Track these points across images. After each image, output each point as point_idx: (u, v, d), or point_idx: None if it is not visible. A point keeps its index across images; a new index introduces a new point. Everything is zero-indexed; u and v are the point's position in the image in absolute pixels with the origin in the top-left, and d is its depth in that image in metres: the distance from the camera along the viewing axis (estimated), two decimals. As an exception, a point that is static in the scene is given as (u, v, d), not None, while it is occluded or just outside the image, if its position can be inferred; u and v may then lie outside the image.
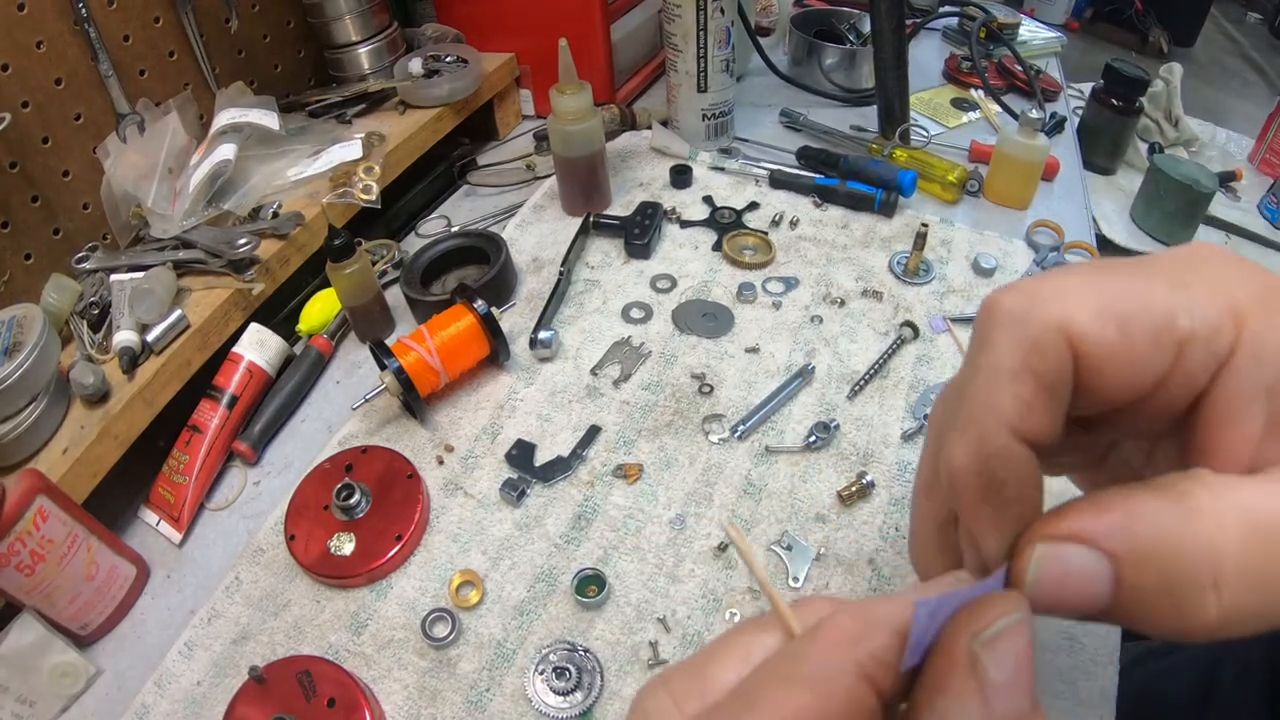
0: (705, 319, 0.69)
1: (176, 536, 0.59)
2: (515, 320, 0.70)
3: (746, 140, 0.94)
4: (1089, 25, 2.67)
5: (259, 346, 0.66)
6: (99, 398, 0.58)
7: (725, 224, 0.79)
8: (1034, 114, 0.78)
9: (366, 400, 0.61)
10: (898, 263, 0.73)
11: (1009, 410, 0.20)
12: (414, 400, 0.59)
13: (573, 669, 0.46)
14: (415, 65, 0.88)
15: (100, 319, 0.64)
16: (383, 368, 0.60)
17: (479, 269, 0.75)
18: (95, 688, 0.51)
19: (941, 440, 0.23)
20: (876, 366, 0.63)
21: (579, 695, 0.45)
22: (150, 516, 0.60)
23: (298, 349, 0.72)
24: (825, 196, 0.81)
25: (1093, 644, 0.45)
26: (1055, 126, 0.96)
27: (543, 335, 0.66)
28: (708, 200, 0.83)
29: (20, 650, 0.48)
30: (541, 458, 0.59)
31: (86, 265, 0.67)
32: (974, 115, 1.00)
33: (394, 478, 0.56)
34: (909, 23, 0.91)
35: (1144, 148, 1.46)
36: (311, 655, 0.47)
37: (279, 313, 0.73)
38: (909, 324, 0.66)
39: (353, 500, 0.54)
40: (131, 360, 0.60)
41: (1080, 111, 1.27)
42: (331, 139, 0.81)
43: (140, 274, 0.65)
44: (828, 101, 1.01)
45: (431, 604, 0.51)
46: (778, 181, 0.84)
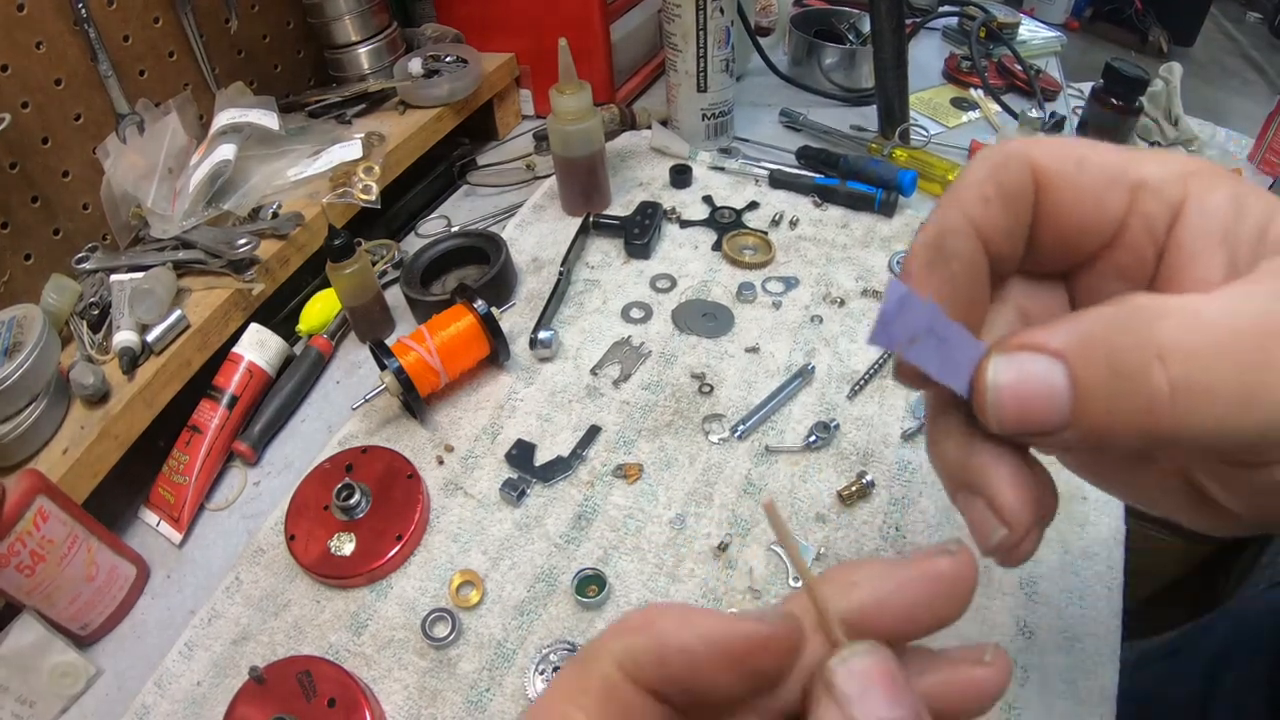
0: (705, 319, 0.69)
1: (176, 537, 0.59)
2: (515, 320, 0.70)
3: (746, 140, 0.94)
4: (1089, 25, 2.67)
5: (259, 346, 0.66)
6: (99, 398, 0.58)
7: (725, 224, 0.79)
8: (1034, 113, 0.78)
9: (366, 400, 0.61)
10: (898, 262, 0.73)
11: (969, 200, 0.23)
12: (414, 400, 0.59)
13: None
14: (415, 65, 0.88)
15: (100, 319, 0.64)
16: (383, 368, 0.60)
17: (479, 269, 0.75)
18: (95, 688, 0.51)
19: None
20: (876, 366, 0.63)
21: (579, 695, 0.45)
22: (150, 517, 0.60)
23: (298, 349, 0.72)
24: (825, 196, 0.81)
25: (1093, 644, 0.45)
26: (1055, 126, 0.96)
27: (543, 335, 0.66)
28: (707, 200, 0.83)
29: (20, 650, 0.48)
30: (541, 458, 0.59)
31: (86, 265, 0.67)
32: (974, 115, 1.00)
33: (394, 478, 0.56)
34: (909, 22, 0.91)
35: (1144, 147, 1.46)
36: (312, 655, 0.47)
37: (279, 313, 0.73)
38: (909, 324, 0.65)
39: (353, 500, 0.54)
40: (131, 360, 0.60)
41: (1080, 111, 1.27)
42: (331, 139, 0.81)
43: (140, 274, 0.65)
44: (828, 101, 1.01)
45: (431, 604, 0.51)
46: (777, 181, 0.84)
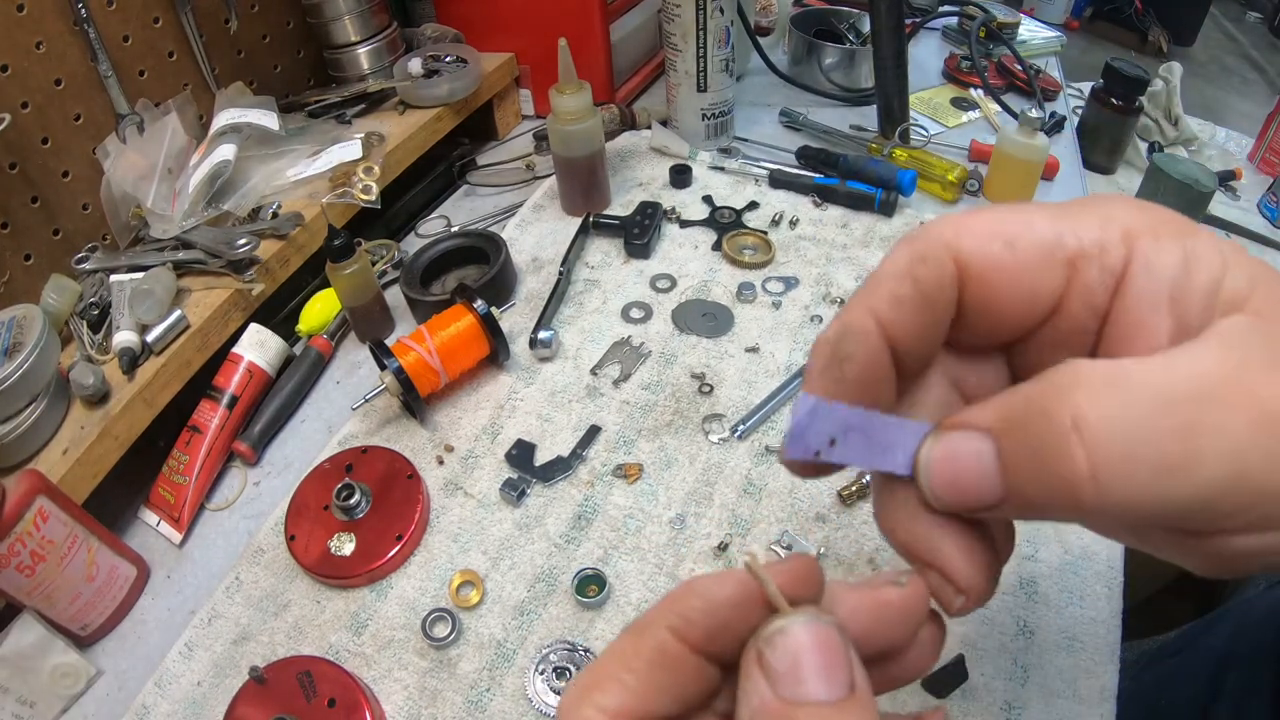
0: (705, 319, 0.69)
1: (177, 537, 0.59)
2: (515, 320, 0.70)
3: (746, 140, 0.94)
4: (1088, 24, 2.67)
5: (259, 347, 0.66)
6: (99, 398, 0.58)
7: (725, 224, 0.79)
8: (1033, 113, 0.78)
9: (366, 400, 0.61)
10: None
11: (880, 301, 0.22)
12: (414, 400, 0.59)
13: (573, 669, 0.46)
14: (415, 65, 0.88)
15: (100, 319, 0.64)
16: (383, 368, 0.60)
17: (479, 269, 0.75)
18: (95, 688, 0.51)
19: None
20: (876, 366, 0.63)
21: (579, 695, 0.45)
22: (150, 517, 0.60)
23: (298, 349, 0.72)
24: (825, 196, 0.81)
25: (1093, 644, 0.45)
26: (1055, 126, 0.96)
27: (542, 335, 0.66)
28: (707, 200, 0.83)
29: (20, 651, 0.48)
30: (541, 458, 0.59)
31: (86, 266, 0.67)
32: (973, 114, 1.00)
33: (394, 478, 0.56)
34: (908, 22, 0.91)
35: (1144, 147, 1.45)
36: (312, 655, 0.47)
37: (279, 313, 0.73)
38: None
39: (353, 500, 0.54)
40: (131, 361, 0.60)
41: (1080, 111, 1.27)
42: (331, 139, 0.81)
43: (140, 274, 0.65)
44: (827, 101, 1.01)
45: (432, 604, 0.51)
46: (777, 181, 0.84)
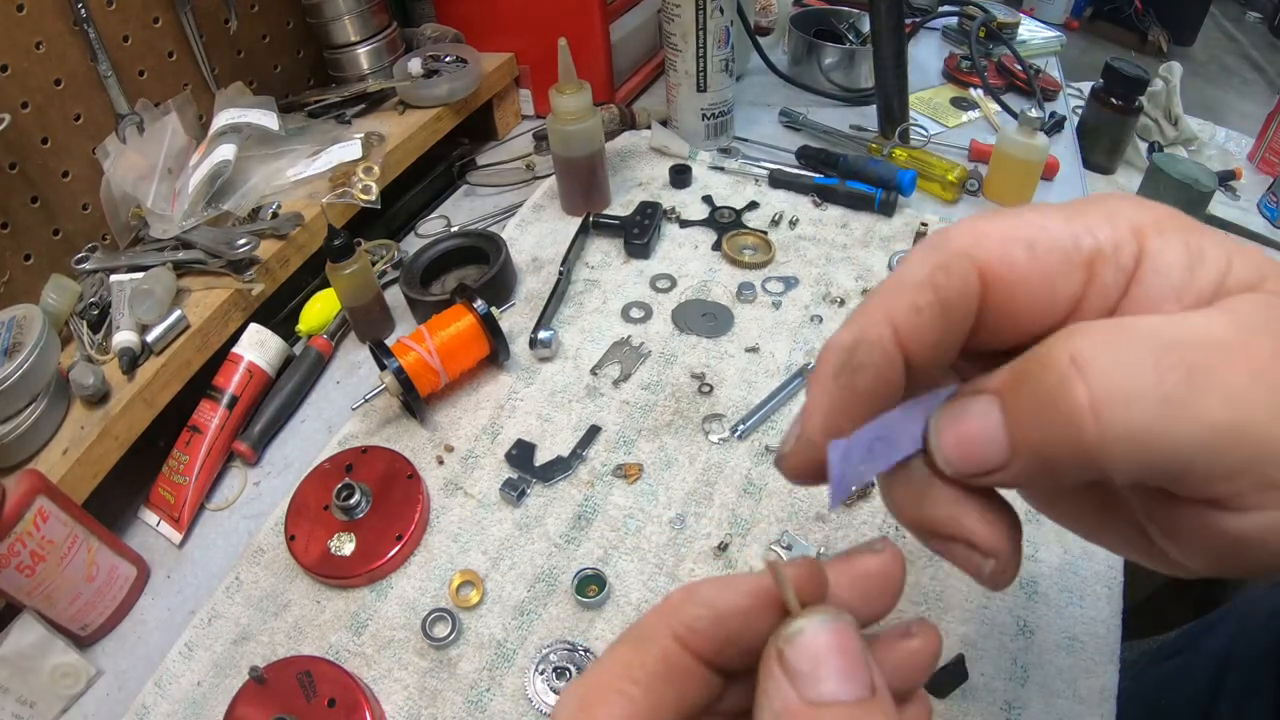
0: (705, 319, 0.69)
1: (177, 537, 0.59)
2: (515, 320, 0.70)
3: (746, 140, 0.94)
4: (1088, 24, 2.67)
5: (259, 347, 0.66)
6: (99, 398, 0.58)
7: (725, 223, 0.79)
8: (1033, 113, 0.78)
9: (366, 400, 0.61)
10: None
11: (899, 310, 0.21)
12: (414, 400, 0.59)
13: (573, 669, 0.46)
14: (415, 65, 0.88)
15: (100, 319, 0.64)
16: (382, 368, 0.60)
17: (479, 269, 0.75)
18: (95, 688, 0.51)
19: None
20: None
21: (579, 695, 0.45)
22: (150, 517, 0.60)
23: (297, 349, 0.72)
24: (825, 196, 0.81)
25: (1093, 643, 0.45)
26: (1055, 126, 0.96)
27: (542, 335, 0.66)
28: (707, 200, 0.83)
29: (20, 651, 0.48)
30: (541, 458, 0.59)
31: (86, 266, 0.67)
32: (973, 114, 1.00)
33: (394, 478, 0.56)
34: (908, 22, 0.91)
35: (1143, 147, 1.46)
36: (312, 655, 0.47)
37: (279, 313, 0.73)
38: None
39: (353, 500, 0.54)
40: (131, 361, 0.60)
41: (1080, 111, 1.27)
42: (331, 139, 0.81)
43: (140, 274, 0.65)
44: (827, 101, 1.01)
45: (432, 604, 0.51)
46: (777, 181, 0.84)
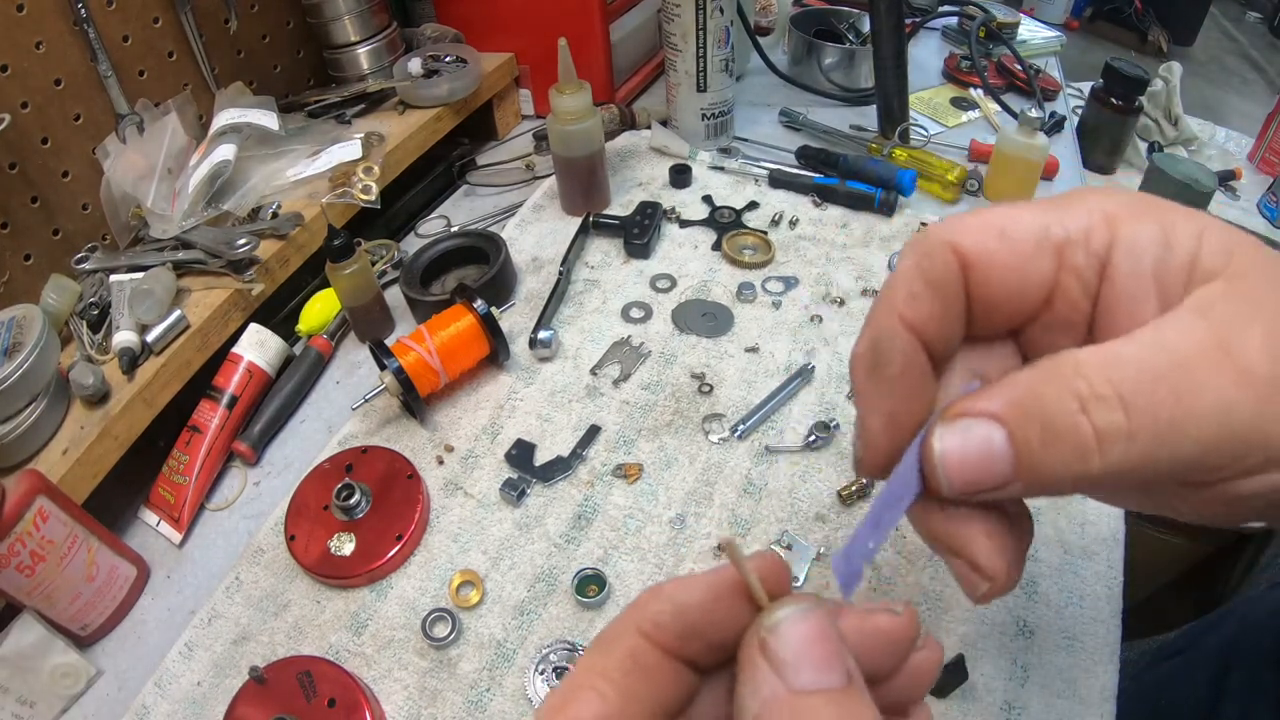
0: (705, 319, 0.69)
1: (176, 537, 0.59)
2: (515, 320, 0.70)
3: (746, 140, 0.94)
4: (1088, 24, 2.67)
5: (259, 347, 0.66)
6: (99, 398, 0.58)
7: (725, 223, 0.79)
8: (1033, 113, 0.78)
9: (366, 400, 0.61)
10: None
11: (898, 297, 0.24)
12: (414, 400, 0.59)
13: (573, 669, 0.46)
14: (414, 65, 0.88)
15: (100, 319, 0.64)
16: (382, 368, 0.60)
17: (479, 269, 0.75)
18: (95, 688, 0.51)
19: None
20: (876, 366, 0.63)
21: (579, 695, 0.45)
22: (150, 517, 0.60)
23: (297, 349, 0.72)
24: (825, 196, 0.81)
25: (1092, 643, 0.45)
26: (1055, 126, 0.96)
27: (542, 335, 0.66)
28: (707, 200, 0.83)
29: (21, 651, 0.48)
30: (541, 458, 0.59)
31: (86, 266, 0.67)
32: (973, 114, 1.00)
33: (394, 478, 0.56)
34: (908, 22, 0.91)
35: (1143, 147, 1.46)
36: (312, 655, 0.47)
37: (279, 313, 0.73)
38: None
39: (353, 500, 0.54)
40: (131, 361, 0.60)
41: (1080, 110, 1.27)
42: (331, 139, 0.81)
43: (140, 274, 0.65)
44: (827, 101, 1.01)
45: (431, 604, 0.51)
46: (777, 181, 0.84)
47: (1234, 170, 1.51)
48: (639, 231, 0.76)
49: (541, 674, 0.46)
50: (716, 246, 0.77)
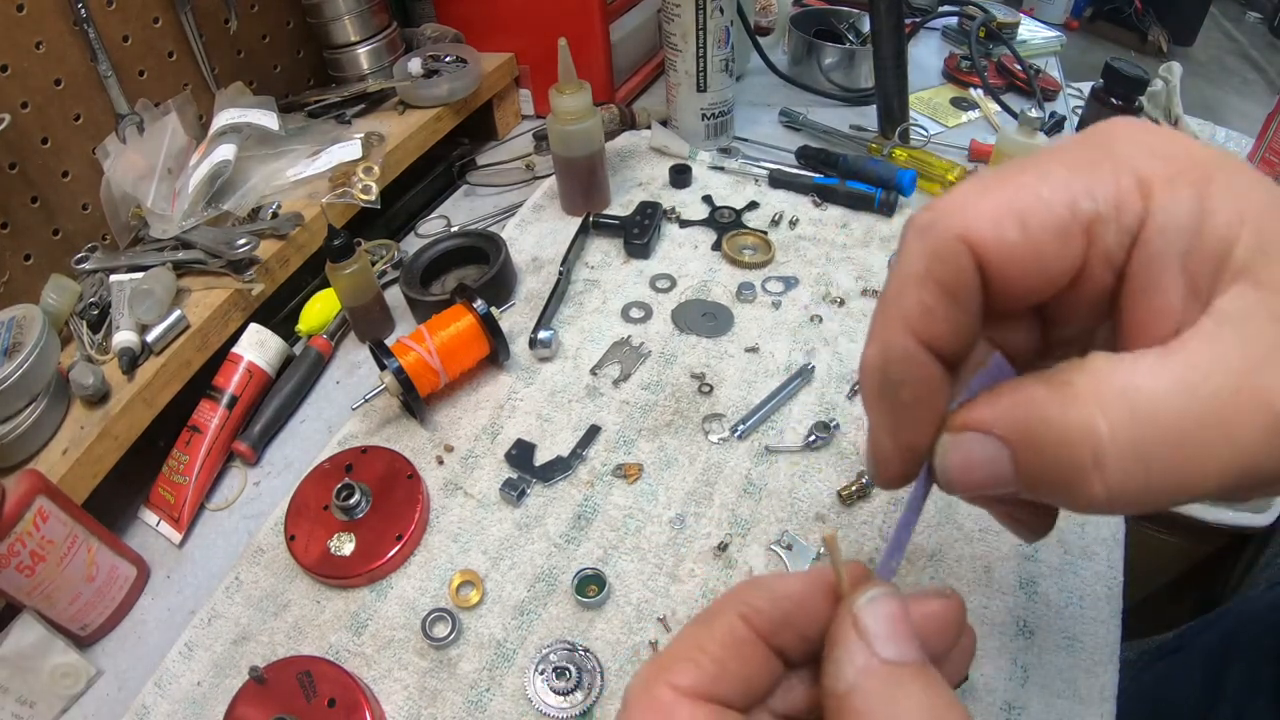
0: (705, 319, 0.69)
1: (176, 537, 0.59)
2: (515, 320, 0.70)
3: (746, 140, 0.94)
4: (1088, 24, 2.67)
5: (259, 347, 0.66)
6: (99, 398, 0.58)
7: (725, 223, 0.79)
8: (1033, 113, 0.78)
9: (366, 400, 0.61)
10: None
11: (912, 313, 0.22)
12: (414, 400, 0.59)
13: (573, 669, 0.46)
14: (414, 65, 0.88)
15: (100, 319, 0.64)
16: (382, 368, 0.60)
17: (479, 269, 0.75)
18: (95, 688, 0.51)
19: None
20: (876, 366, 0.62)
21: (579, 695, 0.45)
22: (150, 517, 0.60)
23: (297, 349, 0.72)
24: (825, 196, 0.81)
25: (1092, 643, 0.45)
26: (1055, 126, 0.96)
27: (542, 335, 0.66)
28: (707, 200, 0.83)
29: (20, 651, 0.48)
30: (541, 458, 0.59)
31: (86, 266, 0.67)
32: (973, 114, 1.00)
33: (394, 478, 0.56)
34: (908, 22, 0.91)
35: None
36: (312, 655, 0.47)
37: (279, 313, 0.73)
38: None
39: (353, 500, 0.54)
40: (131, 361, 0.60)
41: (1080, 111, 1.27)
42: (331, 139, 0.81)
43: (140, 274, 0.65)
44: (827, 101, 1.01)
45: (431, 604, 0.51)
46: (777, 181, 0.84)
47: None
48: (639, 231, 0.76)
49: (541, 674, 0.46)
50: (716, 246, 0.77)
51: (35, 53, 0.64)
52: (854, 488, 0.54)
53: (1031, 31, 1.19)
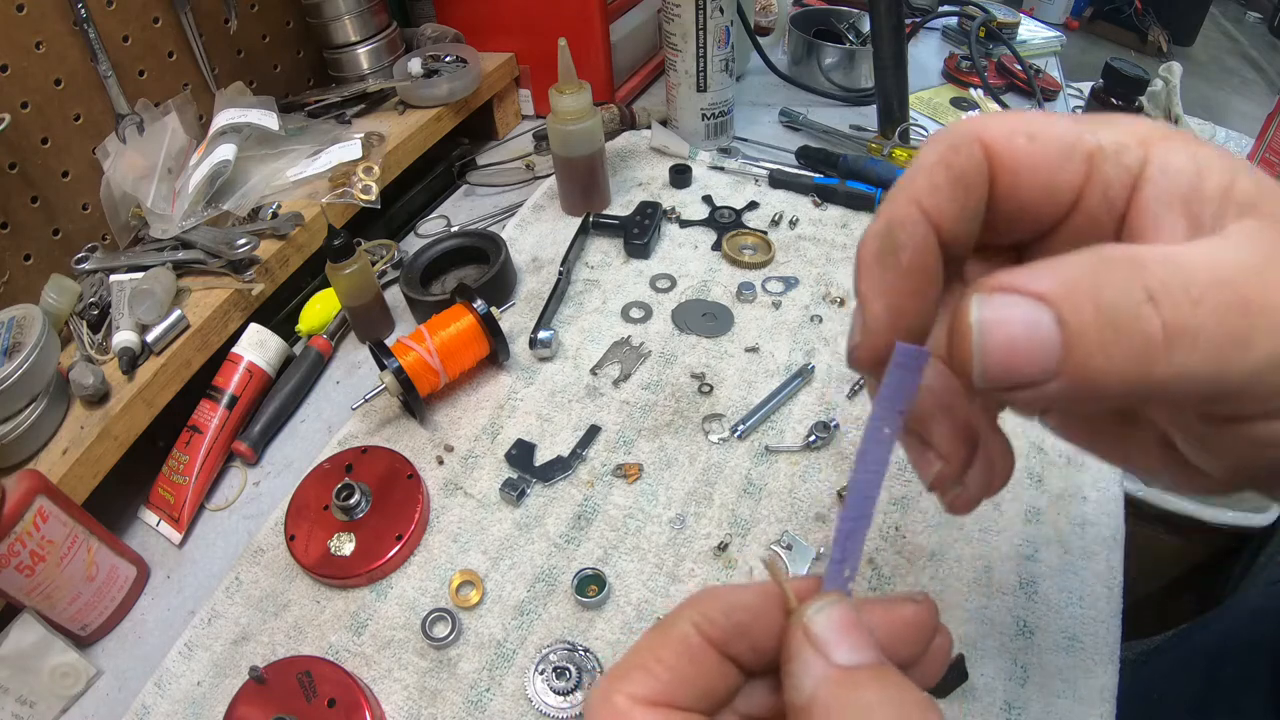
0: (705, 318, 0.69)
1: (176, 537, 0.59)
2: (515, 320, 0.70)
3: (746, 140, 0.94)
4: (1088, 24, 2.67)
5: (259, 347, 0.66)
6: (99, 398, 0.58)
7: (725, 223, 0.79)
8: (1033, 113, 0.78)
9: (366, 400, 0.61)
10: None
11: (919, 187, 0.23)
12: (414, 400, 0.59)
13: (573, 669, 0.46)
14: (414, 65, 0.88)
15: (100, 319, 0.64)
16: (382, 368, 0.60)
17: (479, 269, 0.75)
18: (95, 688, 0.51)
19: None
20: (876, 366, 0.63)
21: (579, 695, 0.45)
22: (150, 517, 0.60)
23: (297, 349, 0.72)
24: (825, 196, 0.81)
25: (1092, 643, 0.45)
26: (1055, 126, 0.96)
27: (542, 335, 0.66)
28: (707, 200, 0.83)
29: (20, 651, 0.48)
30: (541, 457, 0.59)
31: (86, 266, 0.67)
32: (973, 115, 1.00)
33: (394, 478, 0.56)
34: (908, 22, 0.91)
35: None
36: (312, 655, 0.47)
37: (279, 313, 0.73)
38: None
39: (353, 500, 0.54)
40: (131, 361, 0.60)
41: (1080, 110, 1.27)
42: (331, 139, 0.81)
43: (140, 274, 0.65)
44: (827, 101, 1.01)
45: (431, 604, 0.51)
46: (777, 181, 0.84)
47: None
48: (639, 231, 0.76)
49: (541, 674, 0.46)
50: (716, 246, 0.77)
51: (35, 53, 0.64)
52: (854, 488, 0.54)
53: (1031, 31, 1.19)
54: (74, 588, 0.50)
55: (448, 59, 0.90)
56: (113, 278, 0.65)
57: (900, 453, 0.26)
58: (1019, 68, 1.04)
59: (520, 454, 0.59)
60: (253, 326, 0.67)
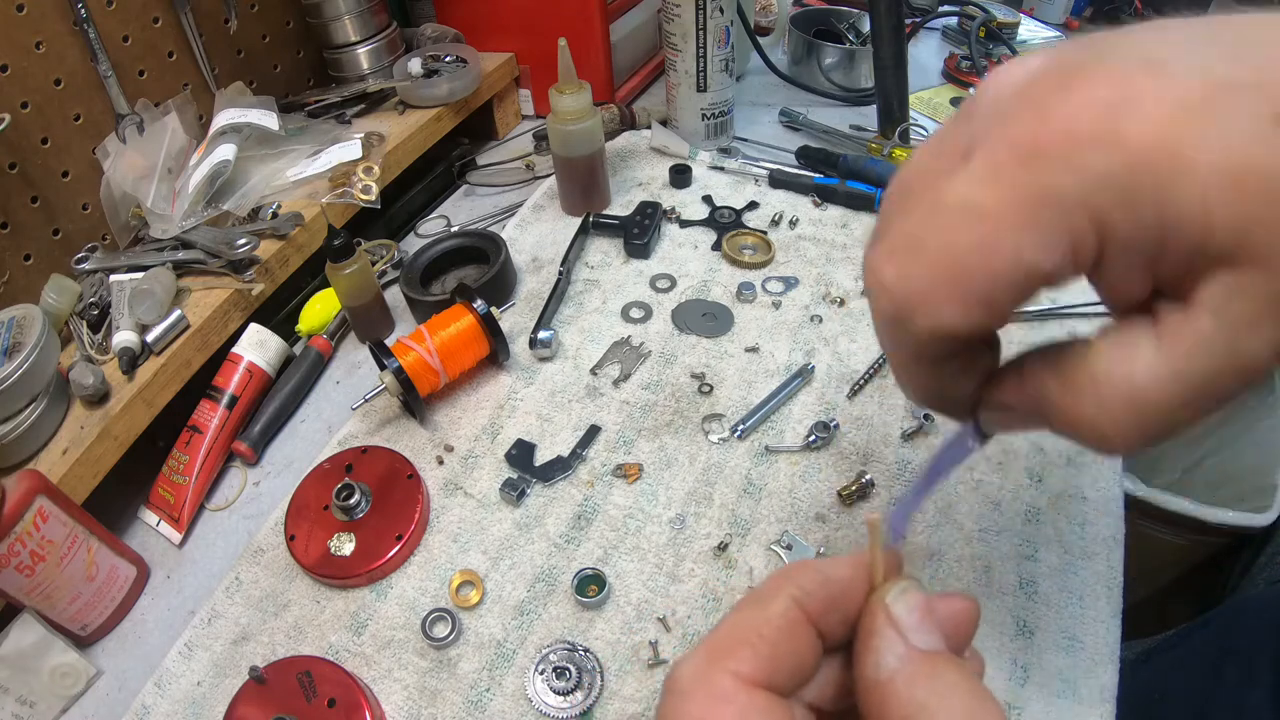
0: (705, 319, 0.69)
1: (176, 537, 0.59)
2: (515, 320, 0.70)
3: (746, 140, 0.94)
4: (1088, 24, 2.67)
5: (259, 347, 0.66)
6: (99, 398, 0.58)
7: (725, 223, 0.79)
8: (1033, 113, 0.77)
9: (366, 400, 0.61)
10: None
11: (927, 388, 0.27)
12: (414, 400, 0.59)
13: (573, 669, 0.46)
14: (414, 65, 0.88)
15: (100, 319, 0.64)
16: (382, 368, 0.60)
17: (479, 269, 0.75)
18: (95, 688, 0.51)
19: None
20: (876, 366, 0.63)
21: (579, 695, 0.45)
22: (150, 517, 0.60)
23: (297, 349, 0.72)
24: (825, 196, 0.81)
25: (1092, 643, 0.45)
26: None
27: (542, 335, 0.66)
28: (707, 200, 0.83)
29: (20, 651, 0.48)
30: (541, 457, 0.59)
31: (86, 266, 0.67)
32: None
33: (394, 478, 0.56)
34: (908, 22, 0.91)
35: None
36: (312, 655, 0.47)
37: (279, 313, 0.73)
38: (909, 323, 0.65)
39: (353, 500, 0.54)
40: (131, 361, 0.60)
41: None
42: (331, 139, 0.81)
43: (140, 274, 0.65)
44: (827, 101, 1.01)
45: (431, 604, 0.51)
46: (777, 181, 0.84)
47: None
48: (639, 231, 0.76)
49: (541, 674, 0.46)
50: (716, 246, 0.77)
51: (35, 53, 0.64)
52: (854, 488, 0.54)
53: (1031, 31, 1.19)
54: (74, 588, 0.50)
55: (448, 59, 0.90)
56: (113, 278, 0.66)
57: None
58: (1019, 68, 1.03)
59: (520, 454, 0.59)
60: (253, 326, 0.67)
